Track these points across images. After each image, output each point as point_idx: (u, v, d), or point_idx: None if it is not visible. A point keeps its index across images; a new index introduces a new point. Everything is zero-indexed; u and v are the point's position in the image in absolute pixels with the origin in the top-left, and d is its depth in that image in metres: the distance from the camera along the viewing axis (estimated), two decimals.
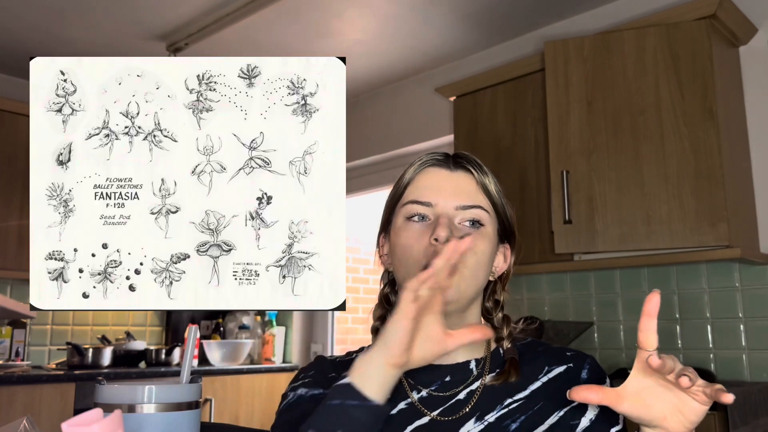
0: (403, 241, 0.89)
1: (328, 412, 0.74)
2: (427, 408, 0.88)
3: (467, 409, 0.87)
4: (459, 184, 0.91)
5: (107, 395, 0.72)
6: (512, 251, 0.97)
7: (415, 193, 0.91)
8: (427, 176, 0.92)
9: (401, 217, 0.91)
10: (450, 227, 0.86)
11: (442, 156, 0.94)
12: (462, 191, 0.90)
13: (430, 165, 0.93)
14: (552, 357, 0.92)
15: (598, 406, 0.86)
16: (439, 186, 0.90)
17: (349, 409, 0.74)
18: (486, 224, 0.90)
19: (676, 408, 0.72)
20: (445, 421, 0.87)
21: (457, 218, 0.89)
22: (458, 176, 0.92)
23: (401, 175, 0.95)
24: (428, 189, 0.90)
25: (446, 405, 0.88)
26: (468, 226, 0.89)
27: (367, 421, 0.74)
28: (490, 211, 0.91)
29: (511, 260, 0.97)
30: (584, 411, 0.87)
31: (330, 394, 0.75)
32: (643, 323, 0.71)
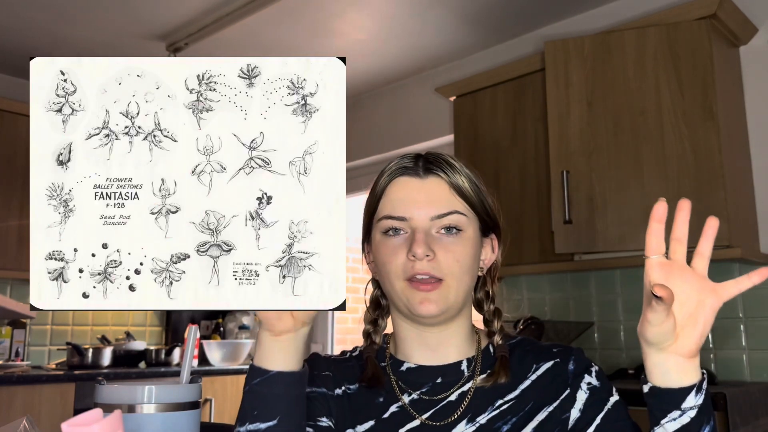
0: (382, 257, 0.89)
1: (244, 401, 0.78)
2: (418, 411, 0.88)
3: (459, 411, 0.87)
4: (431, 191, 0.89)
5: (107, 395, 0.72)
6: (500, 241, 0.96)
7: (388, 207, 0.90)
8: (399, 187, 0.90)
9: (378, 231, 0.91)
10: (426, 242, 0.85)
11: (411, 162, 0.91)
12: (435, 199, 0.88)
13: (400, 175, 0.91)
14: (539, 354, 0.91)
15: (588, 390, 0.87)
16: (411, 198, 0.89)
17: (256, 388, 0.77)
18: (464, 228, 0.89)
19: (688, 319, 0.71)
20: (437, 425, 0.87)
21: (434, 228, 0.88)
22: (430, 183, 0.89)
23: (375, 183, 0.93)
24: (401, 202, 0.89)
25: (437, 408, 0.88)
26: (445, 233, 0.88)
27: (277, 392, 0.76)
28: (467, 213, 0.89)
29: (500, 250, 0.96)
30: (573, 402, 0.87)
31: (243, 385, 0.79)
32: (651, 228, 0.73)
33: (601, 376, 0.89)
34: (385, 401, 0.90)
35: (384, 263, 0.88)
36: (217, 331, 3.68)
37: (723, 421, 1.77)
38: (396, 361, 0.93)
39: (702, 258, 0.72)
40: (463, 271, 0.87)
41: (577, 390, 0.87)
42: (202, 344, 3.39)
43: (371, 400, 0.90)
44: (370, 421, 0.88)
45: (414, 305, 0.86)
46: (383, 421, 0.88)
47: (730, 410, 1.78)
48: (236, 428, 0.78)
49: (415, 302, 0.85)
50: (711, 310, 0.71)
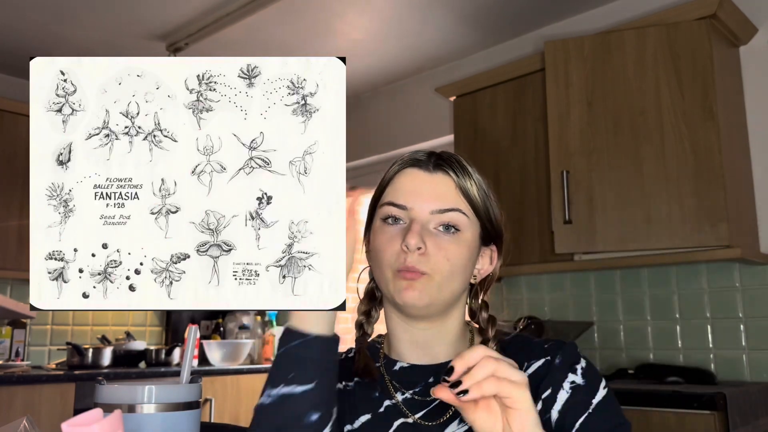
0: (377, 244, 0.89)
1: (278, 363, 0.76)
2: (411, 410, 0.89)
3: (451, 411, 0.87)
4: (437, 186, 0.89)
5: (107, 395, 0.72)
6: (500, 253, 0.95)
7: (392, 194, 0.90)
8: (406, 178, 0.91)
9: (378, 218, 0.91)
10: (421, 234, 0.85)
11: (423, 156, 0.92)
12: (439, 194, 0.89)
13: (410, 166, 0.91)
14: (531, 352, 0.90)
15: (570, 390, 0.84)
16: (416, 189, 0.89)
17: (293, 351, 0.75)
18: (463, 229, 0.88)
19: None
20: (430, 425, 0.87)
21: (432, 223, 0.87)
22: (437, 178, 0.90)
23: (384, 174, 0.94)
24: (405, 191, 0.89)
25: (429, 407, 0.88)
26: (442, 231, 0.87)
27: (314, 356, 0.75)
28: (469, 215, 0.89)
29: (498, 263, 0.95)
30: (553, 403, 0.84)
31: (277, 348, 0.77)
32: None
33: (588, 373, 0.86)
34: (379, 396, 0.91)
35: (378, 251, 0.89)
36: (217, 331, 3.68)
37: (723, 421, 1.77)
38: (390, 361, 0.94)
39: None
40: (451, 271, 0.87)
41: (558, 390, 0.85)
42: (202, 344, 3.39)
43: (367, 395, 0.91)
44: (366, 415, 0.90)
45: (398, 292, 0.86)
46: (379, 414, 0.89)
47: (730, 410, 1.78)
48: (267, 390, 0.76)
49: (400, 289, 0.85)
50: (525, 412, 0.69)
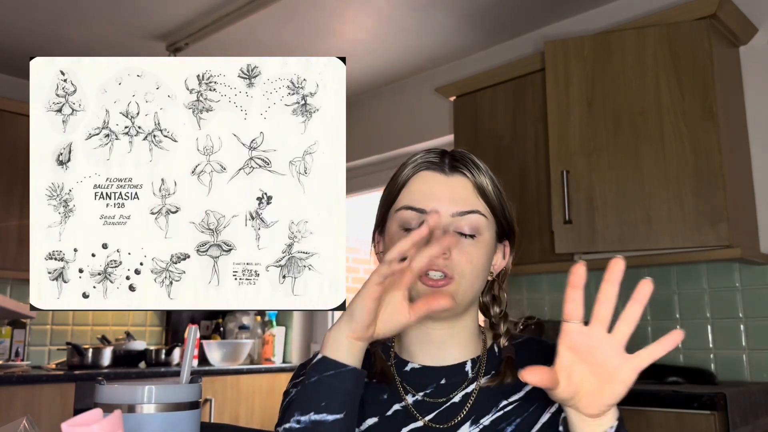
0: None
1: (309, 390, 0.76)
2: (421, 413, 0.88)
3: (463, 413, 0.87)
4: (455, 189, 0.89)
5: (107, 395, 0.72)
6: (512, 248, 0.96)
7: (409, 198, 0.89)
8: (422, 180, 0.90)
9: (395, 223, 0.90)
10: None
11: (437, 158, 0.91)
12: (458, 197, 0.88)
13: (425, 168, 0.91)
14: (545, 354, 0.90)
15: None
16: (434, 192, 0.88)
17: (327, 380, 0.75)
18: (483, 231, 0.88)
19: (595, 387, 0.70)
20: (441, 428, 0.86)
21: (453, 226, 0.87)
22: (454, 180, 0.90)
23: (396, 174, 0.93)
24: (423, 195, 0.89)
25: (441, 409, 0.88)
26: (466, 233, 0.87)
27: (348, 387, 0.75)
28: (487, 215, 0.90)
29: (510, 257, 0.96)
30: None
31: (307, 374, 0.77)
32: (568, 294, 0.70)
33: None
34: (388, 399, 0.90)
35: None
36: (217, 331, 3.68)
37: (723, 421, 1.77)
38: (401, 361, 0.93)
39: (627, 323, 0.71)
40: (474, 274, 0.87)
41: None
42: (202, 344, 3.39)
43: (375, 396, 0.90)
44: (373, 418, 0.88)
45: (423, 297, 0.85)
46: (387, 418, 0.88)
47: (730, 410, 1.78)
48: (295, 415, 0.75)
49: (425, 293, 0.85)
50: (621, 384, 0.69)
